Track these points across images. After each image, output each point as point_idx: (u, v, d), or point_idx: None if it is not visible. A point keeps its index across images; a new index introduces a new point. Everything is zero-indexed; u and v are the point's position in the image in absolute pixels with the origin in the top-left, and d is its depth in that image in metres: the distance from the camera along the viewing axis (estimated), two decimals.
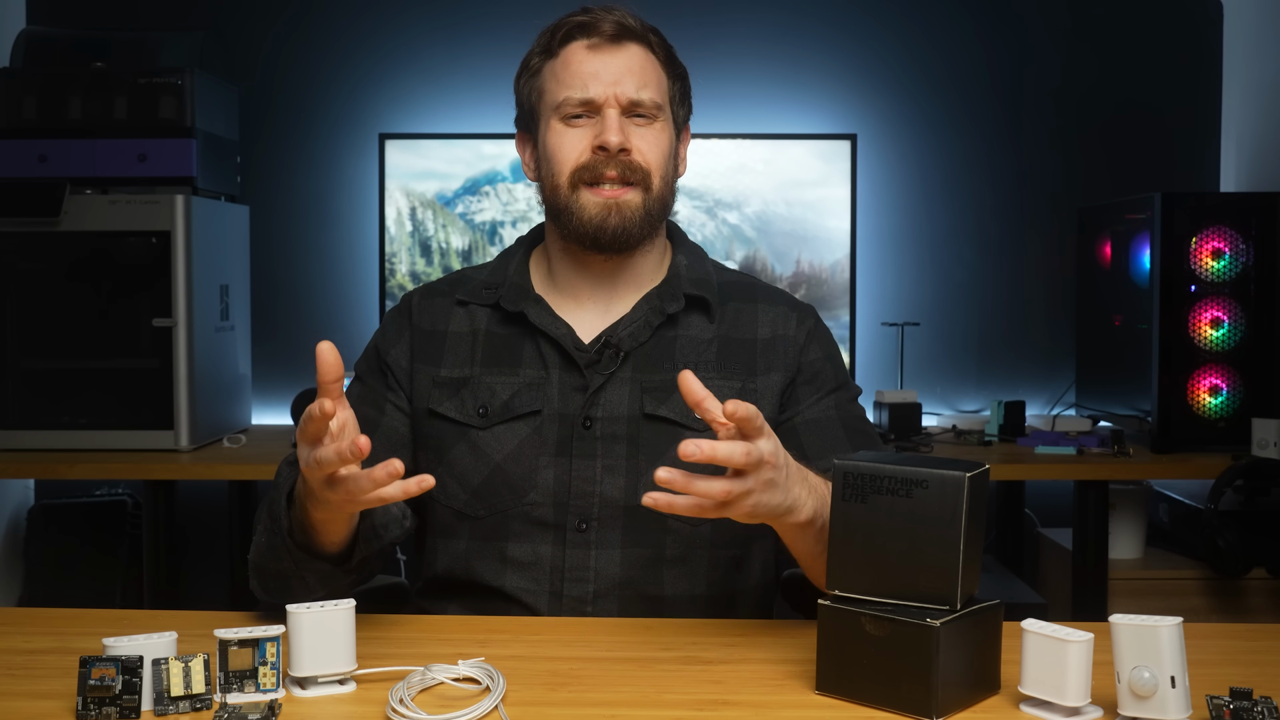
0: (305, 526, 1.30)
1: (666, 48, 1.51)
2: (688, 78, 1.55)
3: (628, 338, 1.47)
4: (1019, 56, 3.29)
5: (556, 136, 1.47)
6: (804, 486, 1.21)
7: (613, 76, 1.45)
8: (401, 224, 3.05)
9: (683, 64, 1.54)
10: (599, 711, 1.07)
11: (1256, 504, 2.71)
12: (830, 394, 1.51)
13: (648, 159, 1.46)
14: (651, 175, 1.46)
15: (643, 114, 1.46)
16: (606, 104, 1.44)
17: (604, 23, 1.46)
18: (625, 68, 1.45)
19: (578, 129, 1.46)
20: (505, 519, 1.45)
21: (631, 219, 1.45)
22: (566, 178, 1.45)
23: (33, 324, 2.71)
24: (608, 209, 1.44)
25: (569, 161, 1.45)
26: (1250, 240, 2.74)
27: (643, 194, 1.46)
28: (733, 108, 3.21)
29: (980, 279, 3.30)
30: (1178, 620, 0.99)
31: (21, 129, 2.74)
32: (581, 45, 1.46)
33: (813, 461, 1.44)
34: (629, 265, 1.51)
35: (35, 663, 1.20)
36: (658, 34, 1.50)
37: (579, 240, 1.47)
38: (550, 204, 1.49)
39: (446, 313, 1.54)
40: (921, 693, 1.04)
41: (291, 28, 3.27)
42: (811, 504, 1.22)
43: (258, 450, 2.74)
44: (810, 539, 1.26)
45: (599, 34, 1.46)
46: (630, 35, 1.47)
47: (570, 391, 1.46)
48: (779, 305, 1.55)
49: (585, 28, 1.46)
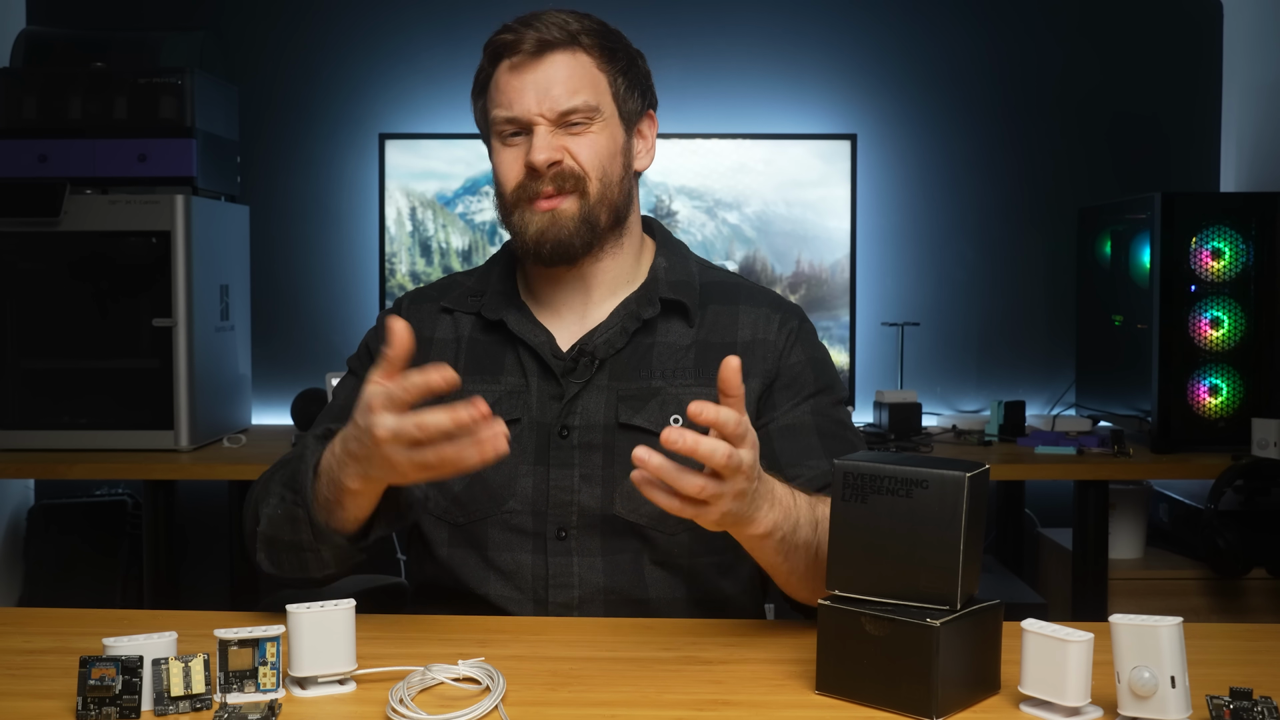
0: (327, 501, 1.28)
1: (605, 44, 1.47)
2: (639, 64, 1.51)
3: (603, 345, 1.47)
4: (1019, 56, 3.29)
5: (498, 157, 1.48)
6: (768, 501, 1.20)
7: (537, 93, 1.43)
8: (401, 224, 3.05)
9: (632, 53, 1.51)
10: (599, 711, 1.07)
11: (1256, 504, 2.70)
12: (808, 399, 1.49)
13: (583, 164, 1.44)
14: (587, 180, 1.45)
15: (577, 121, 1.45)
16: (533, 121, 1.44)
17: (524, 40, 1.44)
18: (550, 80, 1.43)
19: (514, 148, 1.46)
20: (485, 526, 1.45)
21: (567, 228, 1.44)
22: (509, 197, 1.46)
23: (33, 324, 2.71)
24: (545, 223, 1.44)
25: (510, 181, 1.46)
26: (1250, 240, 2.74)
27: (579, 200, 1.44)
28: (733, 108, 3.22)
29: (980, 279, 3.30)
30: (1178, 620, 0.99)
31: (21, 129, 2.74)
32: (506, 65, 1.45)
33: (784, 469, 1.43)
34: (596, 271, 1.50)
35: (35, 663, 1.20)
36: (593, 33, 1.47)
37: (526, 258, 1.49)
38: (503, 224, 1.50)
39: (433, 319, 1.54)
40: (921, 693, 1.04)
41: (291, 28, 3.27)
42: (771, 517, 1.20)
43: (258, 450, 2.74)
44: (769, 550, 1.24)
45: (519, 52, 1.44)
46: (551, 46, 1.44)
47: (548, 400, 1.46)
48: (761, 307, 1.52)
49: (507, 46, 1.45)
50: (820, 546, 1.27)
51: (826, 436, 1.46)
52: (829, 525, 1.12)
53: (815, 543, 1.26)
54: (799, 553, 1.26)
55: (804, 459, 1.44)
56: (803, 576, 1.29)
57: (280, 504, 1.33)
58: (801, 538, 1.25)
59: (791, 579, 1.29)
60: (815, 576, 1.28)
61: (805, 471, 1.43)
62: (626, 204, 1.50)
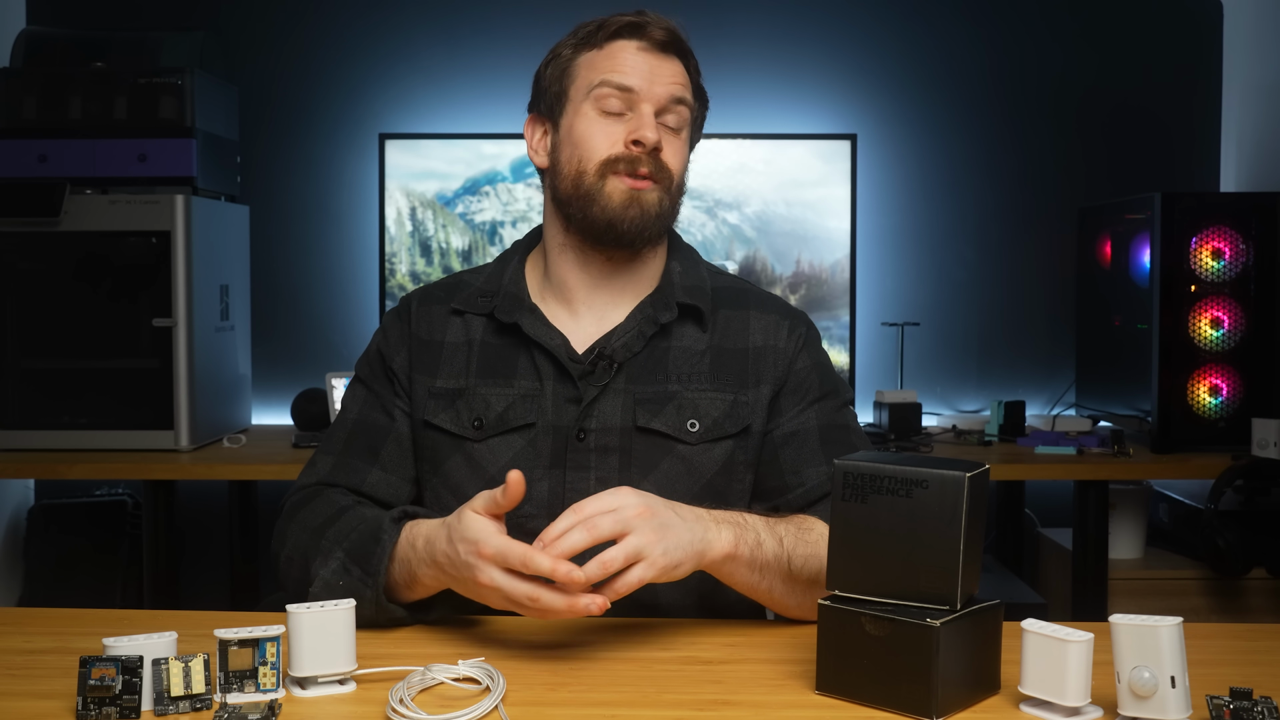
0: (397, 585, 1.31)
1: (697, 69, 1.53)
2: (707, 108, 1.57)
3: (621, 348, 1.46)
4: (1019, 56, 3.29)
5: (588, 124, 1.46)
6: (713, 520, 1.24)
7: (655, 77, 1.45)
8: (401, 224, 3.05)
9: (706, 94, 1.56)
10: (599, 711, 1.07)
11: (1256, 504, 2.71)
12: (813, 404, 1.50)
13: (671, 163, 1.47)
14: (674, 178, 1.47)
15: (671, 125, 1.47)
16: (645, 99, 1.45)
17: (656, 29, 1.47)
18: (669, 74, 1.47)
19: (612, 121, 1.45)
20: None
21: (649, 213, 1.44)
22: (595, 165, 1.44)
23: (33, 324, 2.71)
24: (630, 199, 1.43)
25: (600, 151, 1.44)
26: (1250, 240, 2.74)
27: (662, 194, 1.46)
28: (733, 108, 3.21)
29: (980, 279, 3.31)
30: (1178, 620, 0.99)
31: (21, 129, 2.74)
32: (631, 44, 1.46)
33: (785, 475, 1.46)
34: (628, 268, 1.50)
35: (35, 663, 1.20)
36: (694, 58, 1.52)
37: (592, 229, 1.45)
38: (568, 191, 1.46)
39: (443, 322, 1.53)
40: (921, 693, 1.04)
41: (291, 28, 3.27)
42: (729, 535, 1.25)
43: (258, 450, 2.74)
44: (742, 570, 1.27)
45: (650, 38, 1.46)
46: (677, 48, 1.48)
47: (564, 403, 1.45)
48: (771, 314, 1.53)
49: (637, 28, 1.47)
50: (792, 558, 1.30)
51: (829, 442, 1.46)
52: (830, 526, 1.13)
53: (785, 555, 1.30)
54: (771, 568, 1.29)
55: (803, 466, 1.45)
56: (785, 591, 1.32)
57: (343, 575, 1.33)
58: (769, 551, 1.28)
59: (774, 596, 1.32)
60: (796, 588, 1.32)
61: (806, 480, 1.45)
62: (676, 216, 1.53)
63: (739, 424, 1.46)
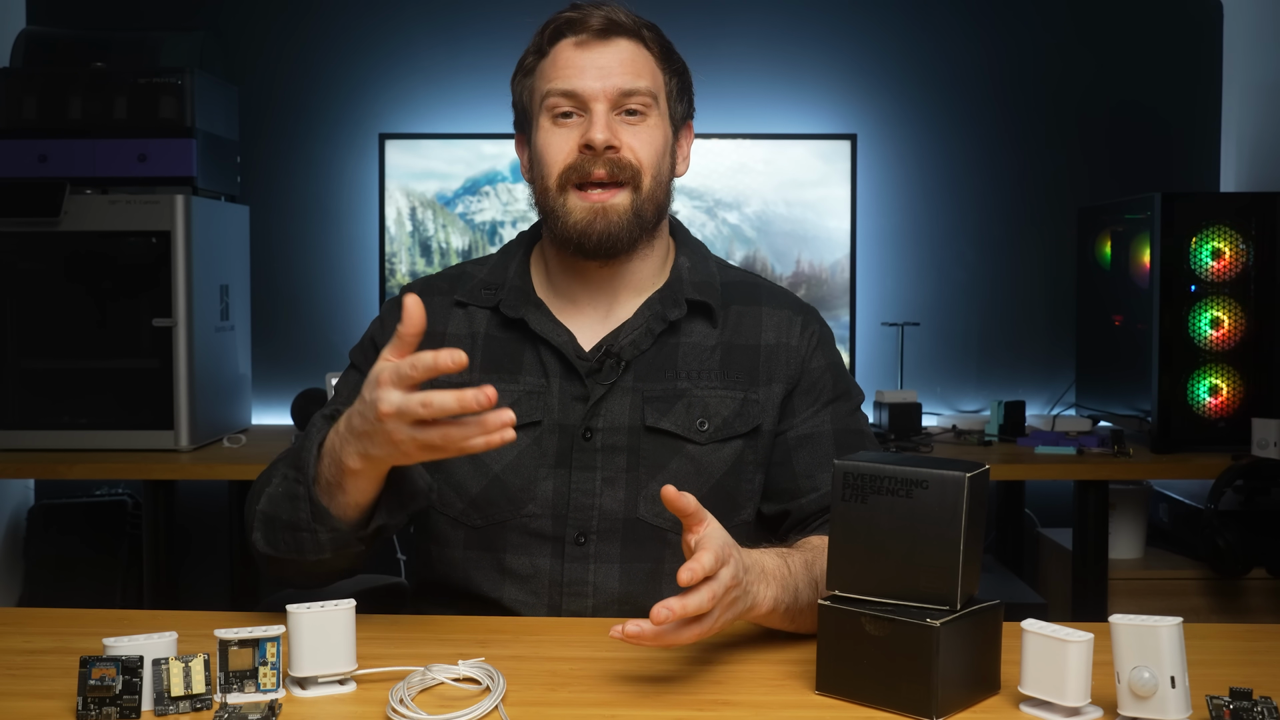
0: (329, 483, 1.27)
1: (663, 42, 1.47)
2: (687, 74, 1.51)
3: (629, 346, 1.44)
4: (1019, 56, 3.29)
5: (545, 135, 1.43)
6: (761, 581, 1.19)
7: (600, 72, 1.41)
8: (401, 224, 3.05)
9: (682, 59, 1.50)
10: (599, 711, 1.07)
11: (1256, 504, 2.71)
12: (827, 405, 1.48)
13: (638, 156, 1.42)
14: (642, 174, 1.42)
15: (634, 109, 1.42)
16: (593, 99, 1.40)
17: (591, 18, 1.42)
18: (615, 61, 1.42)
19: (566, 128, 1.42)
20: (502, 529, 1.43)
21: (618, 223, 1.41)
22: (555, 179, 1.42)
23: (33, 324, 2.71)
24: (593, 214, 1.40)
25: (557, 162, 1.41)
26: (1250, 240, 2.74)
27: (632, 194, 1.41)
28: (733, 108, 3.22)
29: (980, 279, 3.31)
30: (1178, 620, 0.99)
31: (21, 129, 2.74)
32: (570, 42, 1.43)
33: (799, 479, 1.44)
34: (627, 270, 1.47)
35: (35, 663, 1.20)
36: (653, 29, 1.46)
37: (565, 245, 1.44)
38: (540, 206, 1.45)
39: (445, 313, 1.50)
40: (921, 693, 1.04)
41: (291, 28, 3.27)
42: (770, 594, 1.19)
43: (258, 450, 2.74)
44: (776, 620, 1.23)
45: (586, 29, 1.42)
46: (619, 30, 1.43)
47: (571, 401, 1.43)
48: (783, 309, 1.51)
49: (573, 24, 1.43)
50: None
51: (844, 447, 1.45)
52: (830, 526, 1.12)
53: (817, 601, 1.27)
54: (805, 614, 1.25)
55: (819, 469, 1.44)
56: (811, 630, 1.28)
57: (282, 482, 1.31)
58: (804, 600, 1.24)
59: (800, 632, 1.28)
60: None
61: (820, 485, 1.44)
62: (667, 205, 1.49)
63: (749, 423, 1.45)
